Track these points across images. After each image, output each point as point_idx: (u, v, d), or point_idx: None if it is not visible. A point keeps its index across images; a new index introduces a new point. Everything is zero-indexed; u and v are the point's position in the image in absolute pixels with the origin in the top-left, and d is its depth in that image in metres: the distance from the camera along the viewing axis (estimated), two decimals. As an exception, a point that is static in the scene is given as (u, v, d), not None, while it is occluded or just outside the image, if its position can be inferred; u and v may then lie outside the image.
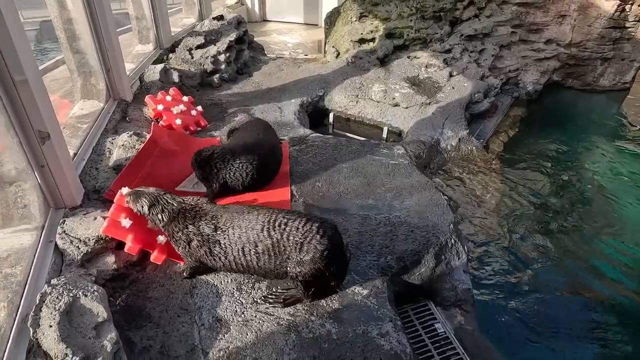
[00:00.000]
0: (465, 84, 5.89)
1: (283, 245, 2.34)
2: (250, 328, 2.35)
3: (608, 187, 5.12)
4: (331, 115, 5.88)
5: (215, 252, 2.45)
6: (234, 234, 2.41)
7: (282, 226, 2.34)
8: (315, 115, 5.90)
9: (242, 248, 2.40)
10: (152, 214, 2.48)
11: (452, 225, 3.30)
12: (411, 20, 6.75)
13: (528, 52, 6.92)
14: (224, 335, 2.30)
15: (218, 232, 2.43)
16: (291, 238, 2.32)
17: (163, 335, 2.30)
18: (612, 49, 7.00)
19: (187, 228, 2.44)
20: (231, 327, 2.35)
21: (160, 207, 2.48)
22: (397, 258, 2.96)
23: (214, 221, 2.45)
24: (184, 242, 2.46)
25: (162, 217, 2.47)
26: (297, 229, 2.33)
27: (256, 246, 2.37)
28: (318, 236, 2.31)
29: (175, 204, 2.50)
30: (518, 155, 5.53)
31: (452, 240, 3.19)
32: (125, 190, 2.66)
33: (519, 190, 4.80)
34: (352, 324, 2.42)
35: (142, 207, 2.49)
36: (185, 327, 2.34)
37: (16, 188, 2.50)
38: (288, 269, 2.36)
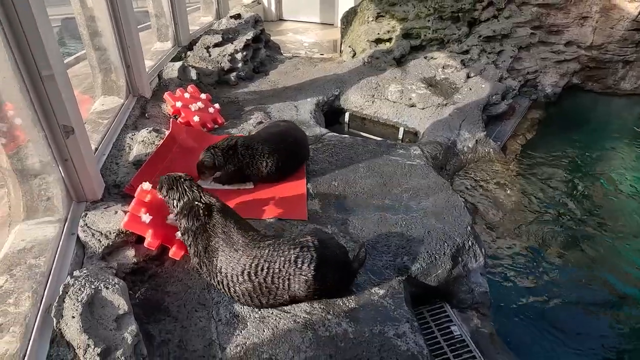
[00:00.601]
0: (483, 86, 5.83)
1: (268, 287, 2.34)
2: (267, 325, 2.36)
3: (628, 192, 5.01)
4: (347, 115, 5.87)
5: (204, 270, 2.48)
6: (217, 264, 2.39)
7: (264, 271, 2.32)
8: (331, 115, 5.90)
9: (226, 283, 2.38)
10: (169, 197, 2.54)
11: (469, 227, 3.27)
12: (429, 21, 6.71)
13: (547, 54, 6.82)
14: (240, 331, 2.32)
15: (207, 253, 2.44)
16: (276, 280, 2.32)
17: (181, 329, 2.32)
18: (635, 52, 6.85)
19: (193, 225, 2.48)
20: (248, 323, 2.36)
21: (178, 194, 2.52)
22: (413, 259, 2.94)
23: (209, 235, 2.44)
24: (191, 237, 2.50)
25: (176, 205, 2.52)
26: (280, 270, 2.31)
27: (240, 285, 2.36)
28: (302, 267, 2.31)
29: (191, 196, 2.53)
30: (536, 158, 5.45)
31: (470, 243, 3.16)
32: (146, 185, 2.70)
33: (537, 193, 4.73)
34: (368, 324, 2.41)
35: (161, 188, 2.55)
36: (203, 322, 2.36)
37: (40, 181, 2.55)
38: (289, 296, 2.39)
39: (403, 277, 2.82)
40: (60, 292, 2.02)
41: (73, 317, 1.94)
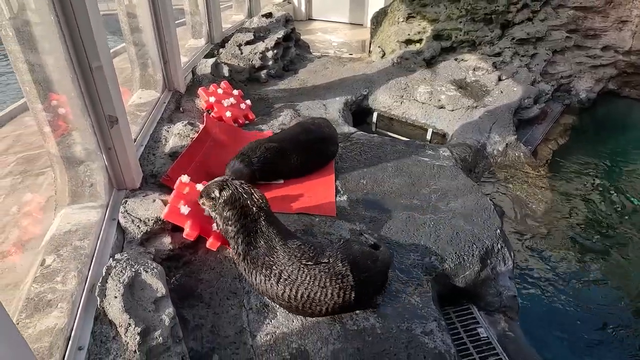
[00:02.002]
0: (515, 89, 5.74)
1: (306, 310, 2.35)
2: (296, 316, 2.41)
3: (664, 202, 4.85)
4: (375, 115, 5.89)
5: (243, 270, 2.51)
6: (255, 279, 2.40)
7: (304, 298, 2.29)
8: (358, 115, 5.92)
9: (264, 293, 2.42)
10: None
11: (498, 231, 3.25)
12: (460, 22, 6.64)
13: (583, 58, 6.65)
14: (270, 320, 2.38)
15: (245, 260, 2.45)
16: (315, 307, 2.31)
17: (213, 315, 2.40)
18: (676, 58, 6.61)
19: (238, 223, 2.49)
20: (277, 313, 2.42)
21: (230, 191, 2.53)
22: (441, 259, 2.95)
23: (250, 241, 2.44)
24: (234, 234, 2.51)
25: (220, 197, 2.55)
26: (320, 300, 2.29)
27: (278, 301, 2.38)
28: (344, 298, 2.30)
29: (242, 195, 2.54)
30: (568, 164, 5.33)
31: (499, 246, 3.14)
32: (184, 178, 2.80)
33: (568, 200, 4.63)
34: (395, 320, 2.43)
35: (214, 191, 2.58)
36: (234, 310, 2.43)
37: (85, 167, 2.68)
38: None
39: (431, 276, 2.82)
40: (104, 273, 2.12)
41: (115, 297, 2.03)
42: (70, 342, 1.83)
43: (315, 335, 2.31)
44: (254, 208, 2.50)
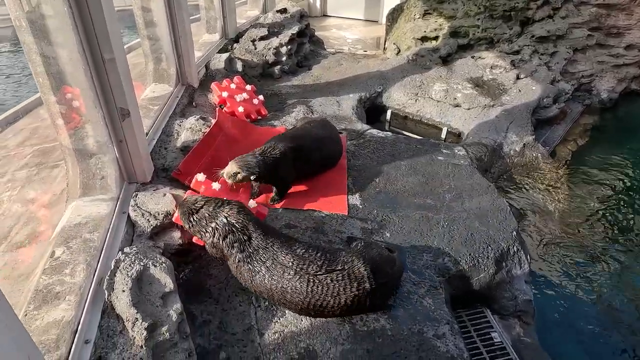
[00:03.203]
0: (534, 88, 5.59)
1: (320, 313, 2.26)
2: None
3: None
4: (389, 112, 5.80)
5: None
6: (265, 291, 2.28)
7: (317, 307, 2.20)
8: (372, 112, 5.85)
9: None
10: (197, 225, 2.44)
11: (514, 233, 3.15)
12: (478, 19, 6.51)
13: (605, 57, 6.45)
14: (279, 319, 2.34)
15: (252, 282, 2.32)
16: (328, 311, 2.24)
17: (222, 312, 2.37)
18: None
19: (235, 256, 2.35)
20: (286, 312, 2.37)
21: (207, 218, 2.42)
22: (455, 260, 2.87)
23: (250, 265, 2.30)
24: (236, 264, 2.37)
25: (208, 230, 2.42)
26: (334, 306, 2.21)
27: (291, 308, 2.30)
28: (360, 303, 2.23)
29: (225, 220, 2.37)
30: (588, 166, 5.17)
31: (515, 248, 3.05)
32: (200, 176, 2.80)
33: (587, 202, 4.49)
34: (406, 322, 2.37)
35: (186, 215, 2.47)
36: (243, 307, 2.40)
37: (96, 160, 2.67)
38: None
39: (444, 278, 2.75)
40: (112, 267, 2.11)
41: (123, 291, 2.02)
42: (76, 336, 1.81)
43: (324, 335, 2.26)
44: (238, 232, 2.33)
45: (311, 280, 2.18)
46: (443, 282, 2.72)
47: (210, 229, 2.36)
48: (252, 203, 2.85)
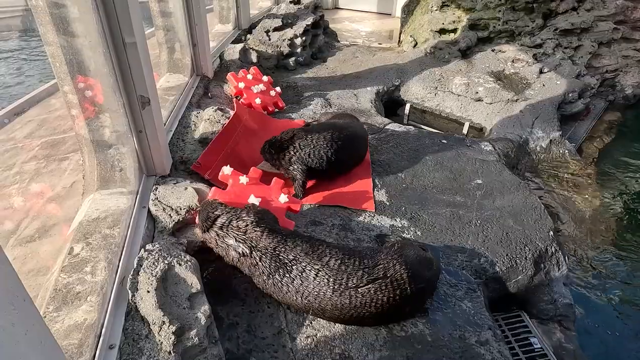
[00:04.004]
0: (558, 82, 5.40)
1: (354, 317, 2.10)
2: (338, 318, 2.21)
3: None
4: (407, 106, 5.62)
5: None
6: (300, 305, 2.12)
7: (356, 312, 2.05)
8: (387, 107, 5.67)
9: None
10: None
11: (551, 232, 2.99)
12: (499, 11, 6.30)
13: (630, 51, 6.23)
14: (310, 322, 2.19)
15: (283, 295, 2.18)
16: (366, 314, 2.07)
17: (249, 314, 2.22)
18: None
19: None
20: (318, 314, 2.23)
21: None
22: (491, 261, 2.71)
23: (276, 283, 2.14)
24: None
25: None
26: (374, 308, 2.04)
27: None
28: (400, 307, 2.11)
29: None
30: (616, 163, 4.98)
31: (553, 249, 2.89)
32: (226, 169, 2.68)
33: (618, 201, 4.32)
34: (446, 327, 2.22)
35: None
36: (271, 308, 2.25)
37: (115, 151, 2.51)
38: None
39: (481, 279, 2.60)
40: (135, 265, 1.96)
41: (148, 291, 1.87)
42: (100, 340, 1.67)
43: (359, 341, 2.11)
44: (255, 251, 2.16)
45: (353, 296, 2.02)
46: (480, 284, 2.56)
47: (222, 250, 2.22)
48: (283, 198, 2.69)
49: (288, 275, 2.08)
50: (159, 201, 2.49)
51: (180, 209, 2.47)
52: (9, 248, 2.31)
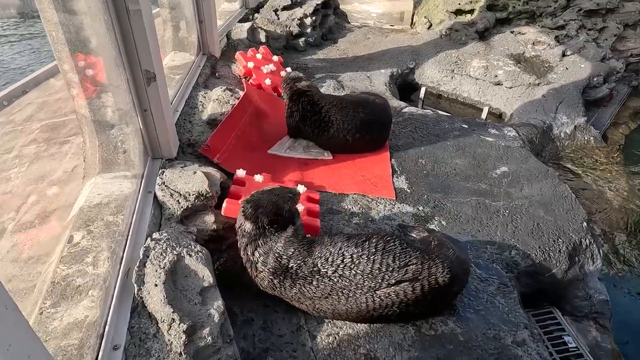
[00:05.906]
0: (582, 65, 5.13)
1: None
2: (362, 314, 2.03)
3: None
4: (423, 90, 5.38)
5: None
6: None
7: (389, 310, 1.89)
8: (402, 91, 5.42)
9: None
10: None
11: (584, 224, 2.79)
12: (519, -9, 5.99)
13: (657, 34, 5.94)
14: (331, 319, 2.01)
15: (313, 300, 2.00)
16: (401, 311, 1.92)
17: (264, 309, 2.05)
18: None
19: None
20: (339, 310, 2.04)
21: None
22: (523, 254, 2.52)
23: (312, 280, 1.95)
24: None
25: None
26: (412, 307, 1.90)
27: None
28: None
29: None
30: (642, 151, 4.75)
31: (587, 241, 2.69)
32: (240, 172, 2.50)
33: (647, 191, 4.10)
34: (479, 326, 2.04)
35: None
36: (288, 304, 2.07)
37: (118, 131, 2.31)
38: None
39: (513, 273, 2.41)
40: (141, 256, 1.78)
41: (155, 285, 1.69)
42: (104, 340, 1.49)
43: (386, 340, 1.93)
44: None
45: (379, 297, 1.86)
46: (513, 278, 2.37)
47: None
48: (301, 188, 2.50)
49: (312, 284, 1.92)
50: (165, 186, 2.29)
51: (189, 195, 2.27)
52: (8, 234, 2.14)
